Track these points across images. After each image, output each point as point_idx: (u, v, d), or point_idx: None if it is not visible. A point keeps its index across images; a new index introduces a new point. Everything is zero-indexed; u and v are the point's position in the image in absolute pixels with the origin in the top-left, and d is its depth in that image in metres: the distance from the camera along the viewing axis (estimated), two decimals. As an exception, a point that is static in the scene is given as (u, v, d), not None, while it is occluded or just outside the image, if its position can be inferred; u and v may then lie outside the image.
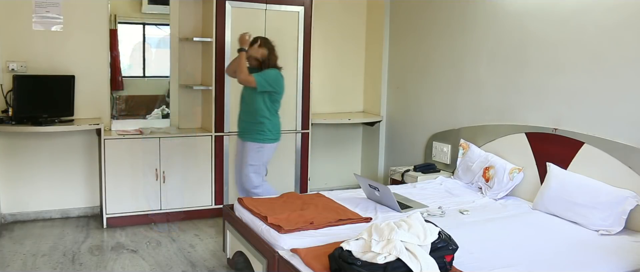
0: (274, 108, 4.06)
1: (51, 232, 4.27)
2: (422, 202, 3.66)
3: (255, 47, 4.00)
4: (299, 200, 3.58)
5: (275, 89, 3.99)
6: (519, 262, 2.62)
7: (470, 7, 4.35)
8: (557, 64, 3.65)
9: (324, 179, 5.60)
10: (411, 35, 5.05)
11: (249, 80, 3.87)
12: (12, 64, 4.28)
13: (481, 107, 4.28)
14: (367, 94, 5.67)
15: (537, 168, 3.71)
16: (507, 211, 3.53)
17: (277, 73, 4.01)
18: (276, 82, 3.98)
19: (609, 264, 2.67)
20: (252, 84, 3.88)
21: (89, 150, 4.63)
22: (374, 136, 5.59)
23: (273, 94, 3.99)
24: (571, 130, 3.52)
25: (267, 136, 4.03)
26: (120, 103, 4.88)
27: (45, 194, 4.56)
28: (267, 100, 3.98)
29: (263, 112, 3.99)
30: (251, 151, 4.03)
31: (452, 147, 4.53)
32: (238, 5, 4.57)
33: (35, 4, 4.31)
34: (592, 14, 3.42)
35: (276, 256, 2.79)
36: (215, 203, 4.70)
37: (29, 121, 4.13)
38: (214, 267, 3.70)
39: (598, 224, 3.13)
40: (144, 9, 4.87)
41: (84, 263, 3.70)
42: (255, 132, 4.02)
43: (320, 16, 5.10)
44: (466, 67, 4.42)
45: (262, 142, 4.02)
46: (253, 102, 4.01)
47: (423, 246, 2.37)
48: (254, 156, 4.03)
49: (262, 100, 3.97)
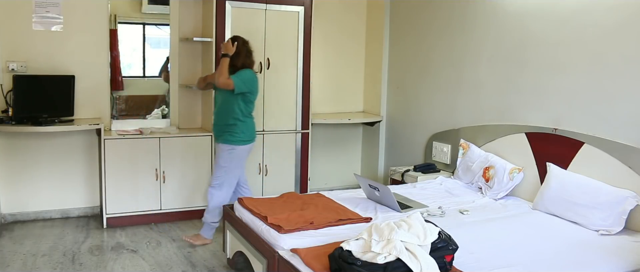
0: (248, 110, 3.98)
1: (51, 232, 4.27)
2: (422, 202, 3.66)
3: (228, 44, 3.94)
4: (299, 200, 3.58)
5: (250, 89, 3.93)
6: (519, 262, 2.62)
7: (471, 7, 4.35)
8: (557, 64, 3.65)
9: (324, 179, 5.60)
10: (411, 35, 5.05)
11: (228, 83, 3.81)
12: (12, 64, 4.28)
13: (481, 107, 4.28)
14: (367, 94, 5.67)
15: (537, 168, 3.71)
16: (507, 211, 3.53)
17: (252, 73, 3.95)
18: (251, 82, 3.92)
19: (609, 264, 2.67)
20: (230, 87, 3.82)
21: (89, 150, 4.63)
22: (374, 136, 5.59)
23: (247, 95, 3.93)
24: (571, 130, 3.52)
25: (239, 137, 3.95)
26: (120, 103, 4.88)
27: (45, 194, 4.56)
28: (240, 102, 3.91)
29: (236, 114, 3.92)
30: (223, 152, 3.98)
31: (452, 147, 4.53)
32: (238, 5, 4.57)
33: (35, 4, 4.31)
34: (592, 14, 3.42)
35: (276, 256, 2.79)
36: (215, 203, 4.70)
37: (29, 121, 4.13)
38: (214, 267, 3.70)
39: (598, 224, 3.13)
40: (144, 9, 4.87)
41: (84, 263, 3.70)
42: (227, 133, 3.95)
43: (320, 16, 5.11)
44: (466, 67, 4.42)
45: (234, 144, 3.95)
46: (226, 103, 3.95)
47: (423, 246, 2.37)
48: (225, 156, 3.97)
49: (235, 102, 3.91)
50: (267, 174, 4.89)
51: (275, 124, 4.87)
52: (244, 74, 3.91)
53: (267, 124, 4.83)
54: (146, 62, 5.05)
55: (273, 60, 4.76)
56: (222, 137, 3.99)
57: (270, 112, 4.83)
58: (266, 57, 4.74)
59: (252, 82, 3.94)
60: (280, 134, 4.91)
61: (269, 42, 4.73)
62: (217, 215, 4.02)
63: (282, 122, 4.90)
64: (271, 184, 4.89)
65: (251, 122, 4.05)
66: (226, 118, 3.96)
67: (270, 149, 4.88)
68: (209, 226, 4.05)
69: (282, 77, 4.83)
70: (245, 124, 3.98)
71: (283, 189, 4.62)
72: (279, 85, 4.83)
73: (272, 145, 4.88)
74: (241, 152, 4.01)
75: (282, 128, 4.91)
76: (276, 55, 4.77)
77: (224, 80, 3.82)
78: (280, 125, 4.90)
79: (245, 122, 3.98)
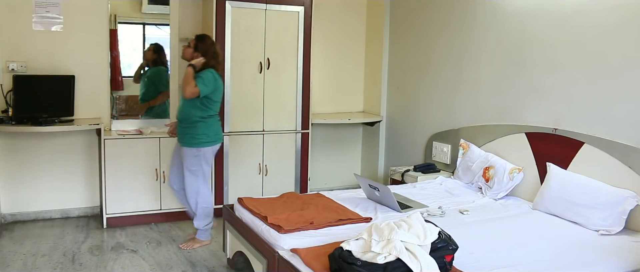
0: (209, 110, 3.86)
1: (51, 232, 4.27)
2: (422, 202, 3.66)
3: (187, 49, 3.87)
4: (299, 200, 3.58)
5: (212, 89, 3.81)
6: (519, 263, 2.62)
7: (470, 7, 4.35)
8: (557, 64, 3.65)
9: (324, 179, 5.60)
10: (411, 35, 5.06)
11: (194, 92, 3.71)
12: (12, 64, 4.28)
13: (481, 107, 4.28)
14: (367, 94, 5.67)
15: (537, 168, 3.71)
16: (507, 211, 3.53)
17: (212, 73, 3.82)
18: (213, 83, 3.80)
19: (609, 264, 2.67)
20: (197, 94, 3.72)
21: (89, 150, 4.63)
22: (374, 136, 5.59)
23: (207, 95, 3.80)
24: (571, 130, 3.52)
25: (202, 139, 3.84)
26: (120, 103, 4.88)
27: (45, 194, 4.56)
28: (197, 102, 3.79)
29: (195, 115, 3.81)
30: (188, 156, 3.86)
31: (452, 147, 4.53)
32: (238, 5, 4.57)
33: (35, 4, 4.31)
34: (592, 14, 3.42)
35: (276, 256, 2.79)
36: (215, 203, 4.70)
37: (29, 121, 4.13)
38: (214, 267, 3.70)
39: (598, 224, 3.13)
40: (144, 9, 4.87)
41: (84, 263, 3.70)
42: (190, 136, 3.84)
43: (320, 16, 5.11)
44: (466, 67, 4.42)
45: (198, 147, 3.84)
46: (185, 105, 3.85)
47: (423, 246, 2.37)
48: (192, 161, 3.86)
49: (192, 102, 3.79)
50: (267, 174, 4.89)
51: (275, 124, 4.87)
52: (205, 76, 3.77)
53: (267, 124, 4.83)
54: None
55: (273, 60, 4.77)
56: (185, 140, 3.87)
57: (270, 112, 4.83)
58: (266, 57, 4.74)
59: (213, 82, 3.80)
60: (280, 134, 4.91)
61: (269, 42, 4.74)
62: (207, 217, 3.99)
63: (282, 122, 4.90)
64: (271, 184, 4.89)
65: (214, 122, 3.92)
66: (187, 119, 3.84)
67: (270, 149, 4.88)
68: (202, 230, 4.03)
69: (282, 77, 4.83)
70: (207, 124, 3.86)
71: (283, 189, 4.63)
72: (279, 85, 4.83)
73: (272, 145, 4.88)
74: (207, 153, 3.89)
75: (282, 128, 4.91)
76: (276, 56, 4.78)
77: (191, 90, 3.70)
78: (280, 125, 4.90)
79: (206, 122, 3.86)
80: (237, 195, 4.40)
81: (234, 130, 4.71)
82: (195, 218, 3.99)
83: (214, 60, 3.87)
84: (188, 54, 3.87)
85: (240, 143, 4.76)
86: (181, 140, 3.93)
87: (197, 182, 3.91)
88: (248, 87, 4.72)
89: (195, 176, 3.90)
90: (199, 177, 3.92)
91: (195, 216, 3.99)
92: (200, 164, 3.89)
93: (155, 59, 4.92)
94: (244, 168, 4.80)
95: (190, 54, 3.86)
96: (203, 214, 3.97)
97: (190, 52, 3.86)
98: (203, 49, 3.84)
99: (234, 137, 4.72)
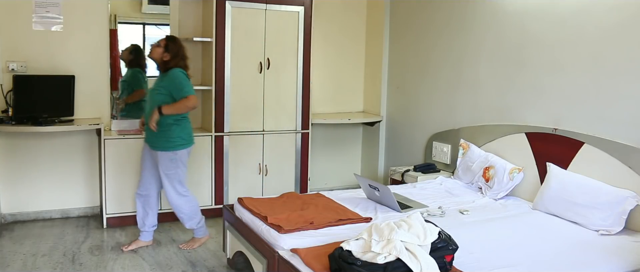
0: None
1: (51, 232, 4.27)
2: (422, 202, 3.66)
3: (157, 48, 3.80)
4: (299, 200, 3.58)
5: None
6: (519, 263, 2.62)
7: (470, 7, 4.35)
8: (557, 64, 3.65)
9: (324, 179, 5.60)
10: (411, 35, 5.06)
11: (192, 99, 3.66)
12: (12, 64, 4.28)
13: (481, 107, 4.28)
14: (367, 94, 5.67)
15: (537, 168, 3.71)
16: (507, 211, 3.53)
17: (184, 73, 3.76)
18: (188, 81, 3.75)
19: (609, 264, 2.68)
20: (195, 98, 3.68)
21: (89, 150, 4.63)
22: (374, 136, 5.59)
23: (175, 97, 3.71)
24: (571, 130, 3.52)
25: (178, 142, 3.77)
26: (121, 103, 4.88)
27: (45, 194, 4.56)
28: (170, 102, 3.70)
29: (168, 119, 3.71)
30: (165, 160, 3.76)
31: (452, 147, 4.53)
32: (238, 5, 4.57)
33: (35, 4, 4.31)
34: (592, 14, 3.43)
35: (276, 256, 2.79)
36: (215, 203, 4.71)
37: (29, 121, 4.13)
38: (214, 267, 3.70)
39: (598, 224, 3.13)
40: (144, 9, 4.87)
41: (84, 263, 3.70)
42: (165, 139, 3.74)
43: (320, 16, 5.11)
44: (466, 67, 4.42)
45: (174, 150, 3.76)
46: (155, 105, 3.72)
47: (423, 246, 2.37)
48: (169, 165, 3.77)
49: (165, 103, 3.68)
50: (267, 174, 4.89)
51: (275, 124, 4.87)
52: (180, 77, 3.71)
53: (267, 124, 4.83)
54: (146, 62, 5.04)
55: (273, 60, 4.77)
56: (159, 144, 3.76)
57: (270, 112, 4.83)
58: (266, 57, 4.74)
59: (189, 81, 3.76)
60: (280, 134, 4.91)
61: (269, 42, 4.74)
62: (196, 215, 3.96)
63: (282, 122, 4.90)
64: (271, 184, 4.89)
65: (187, 124, 3.86)
66: (161, 123, 3.72)
67: (270, 149, 4.88)
68: (197, 228, 4.02)
69: (282, 77, 4.83)
70: (180, 127, 3.78)
71: (283, 189, 4.63)
72: (279, 85, 4.83)
73: (272, 145, 4.88)
74: (183, 155, 3.83)
75: (282, 128, 4.91)
76: (276, 56, 4.78)
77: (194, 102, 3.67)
78: (280, 125, 4.90)
79: (180, 124, 3.79)
80: (237, 195, 4.41)
81: (234, 130, 4.71)
82: (185, 221, 3.95)
83: (183, 61, 3.82)
84: (157, 53, 3.79)
85: (240, 143, 4.76)
86: (155, 144, 3.80)
87: (176, 185, 3.85)
88: (248, 87, 4.72)
89: (173, 179, 3.83)
90: (176, 179, 3.84)
91: (184, 219, 3.95)
92: (178, 166, 3.82)
93: (132, 60, 4.88)
94: (243, 168, 4.80)
95: (159, 53, 3.79)
96: (190, 214, 3.93)
97: (160, 52, 3.78)
98: (174, 50, 3.78)
99: (234, 137, 4.72)
